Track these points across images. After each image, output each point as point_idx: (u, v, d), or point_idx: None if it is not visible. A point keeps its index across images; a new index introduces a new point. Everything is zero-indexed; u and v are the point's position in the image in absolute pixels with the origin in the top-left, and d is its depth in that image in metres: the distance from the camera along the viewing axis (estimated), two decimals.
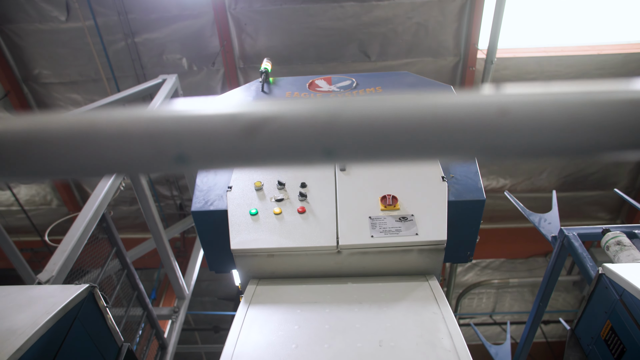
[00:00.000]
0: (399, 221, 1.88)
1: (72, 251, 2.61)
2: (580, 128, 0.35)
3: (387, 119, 0.35)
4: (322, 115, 0.35)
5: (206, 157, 0.37)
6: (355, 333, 1.46)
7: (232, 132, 0.36)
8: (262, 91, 3.05)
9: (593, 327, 1.97)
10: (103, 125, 0.37)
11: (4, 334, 1.57)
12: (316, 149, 0.36)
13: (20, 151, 0.35)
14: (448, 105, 0.36)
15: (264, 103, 0.37)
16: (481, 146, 0.36)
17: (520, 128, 0.35)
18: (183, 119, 0.37)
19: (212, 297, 8.77)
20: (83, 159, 0.37)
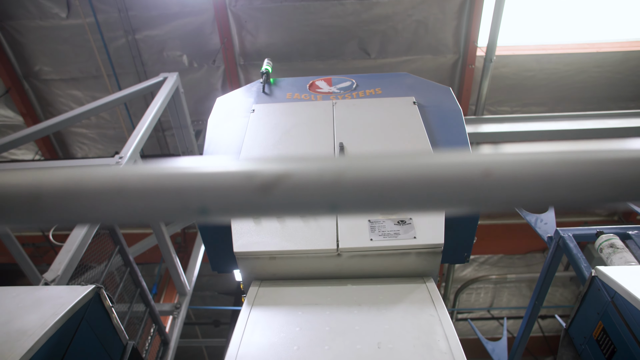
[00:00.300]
0: (398, 224, 1.93)
1: (76, 251, 2.66)
2: (553, 186, 0.39)
3: (384, 179, 0.40)
4: (328, 174, 0.40)
5: (226, 211, 0.41)
6: (355, 335, 1.52)
7: (250, 189, 0.40)
8: (263, 92, 3.08)
9: (586, 327, 2.02)
10: (135, 181, 0.41)
11: (14, 334, 1.62)
12: (322, 204, 0.40)
13: (63, 201, 0.40)
14: (438, 165, 0.40)
15: (277, 161, 0.42)
16: (467, 202, 0.40)
17: (502, 187, 0.40)
18: (206, 175, 0.41)
19: (213, 292, 8.85)
20: (117, 210, 0.41)
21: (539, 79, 6.02)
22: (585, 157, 0.40)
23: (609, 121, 5.39)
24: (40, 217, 0.40)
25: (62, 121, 3.79)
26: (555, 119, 5.51)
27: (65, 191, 0.40)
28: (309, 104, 2.84)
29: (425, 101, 2.83)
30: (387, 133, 2.48)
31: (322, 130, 2.55)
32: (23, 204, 0.39)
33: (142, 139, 3.60)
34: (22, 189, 0.39)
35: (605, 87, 6.07)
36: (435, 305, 1.67)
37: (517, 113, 6.32)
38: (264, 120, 2.69)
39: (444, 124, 2.60)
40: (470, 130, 5.49)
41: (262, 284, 1.93)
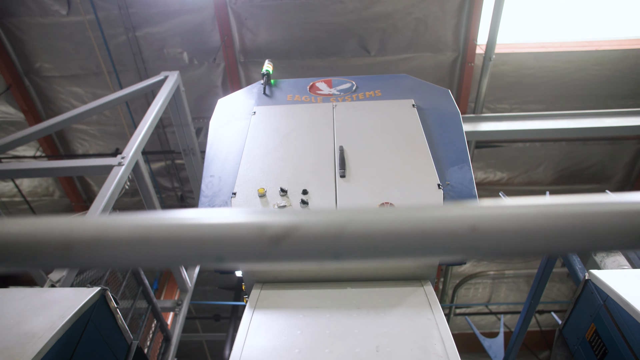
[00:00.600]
0: None
1: None
2: (532, 238, 0.44)
3: (381, 231, 0.44)
4: (332, 227, 0.44)
5: (240, 259, 0.46)
6: (354, 338, 1.57)
7: (262, 241, 0.45)
8: (264, 94, 3.12)
9: (579, 328, 2.08)
10: (158, 231, 0.45)
11: (24, 337, 1.67)
12: (327, 254, 0.45)
13: (92, 250, 0.44)
14: (430, 220, 0.45)
15: (286, 214, 0.46)
16: (456, 252, 0.44)
17: (486, 240, 0.44)
18: (222, 227, 0.45)
19: (213, 287, 8.92)
20: (141, 258, 0.45)
21: (538, 77, 6.05)
22: (560, 211, 0.44)
23: (607, 120, 5.43)
24: (71, 263, 0.44)
25: (65, 120, 3.83)
26: (553, 118, 5.54)
27: (94, 241, 0.44)
28: (309, 106, 2.87)
29: (425, 103, 2.86)
30: (387, 137, 2.52)
31: (322, 133, 2.59)
32: (55, 251, 0.44)
33: (143, 138, 3.63)
34: (55, 238, 0.43)
35: (604, 85, 6.10)
36: (432, 309, 1.72)
37: (516, 110, 6.35)
38: (264, 122, 2.73)
39: (442, 127, 2.64)
40: (470, 129, 5.53)
41: (263, 287, 1.98)
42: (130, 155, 3.41)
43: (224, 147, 2.59)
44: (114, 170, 3.28)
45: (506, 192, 7.44)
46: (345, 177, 2.26)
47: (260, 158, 2.43)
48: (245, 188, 2.25)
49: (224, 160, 2.50)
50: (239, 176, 2.32)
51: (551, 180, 7.19)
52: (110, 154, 6.82)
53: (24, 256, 0.44)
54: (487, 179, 7.21)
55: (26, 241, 0.44)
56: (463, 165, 2.34)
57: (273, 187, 2.24)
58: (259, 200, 2.18)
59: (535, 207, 0.46)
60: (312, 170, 2.32)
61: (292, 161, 2.40)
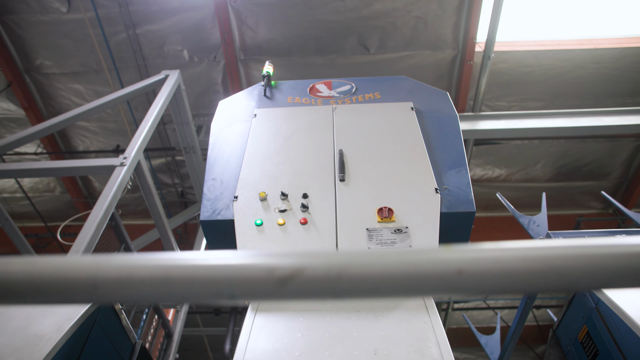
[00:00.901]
0: (395, 233, 2.03)
1: (84, 252, 2.75)
2: (514, 279, 0.48)
3: (377, 273, 0.49)
4: (333, 270, 0.49)
5: (251, 297, 0.51)
6: (353, 341, 1.62)
7: (270, 282, 0.49)
8: (265, 95, 3.15)
9: (572, 330, 2.13)
10: (177, 271, 0.50)
11: (32, 339, 1.72)
12: (329, 293, 0.49)
13: (117, 288, 0.49)
14: (420, 263, 0.49)
15: (293, 257, 0.51)
16: (443, 292, 0.49)
17: (471, 281, 0.49)
18: (235, 268, 0.50)
19: None
20: (161, 295, 0.50)
21: (536, 75, 6.08)
22: (537, 254, 0.49)
23: (605, 118, 5.46)
24: (97, 300, 0.49)
25: (68, 119, 3.86)
26: (551, 116, 5.58)
27: (118, 281, 0.49)
28: (310, 108, 2.91)
29: (423, 106, 2.90)
30: (386, 140, 2.56)
31: (322, 136, 2.63)
32: (83, 289, 0.48)
33: (145, 138, 3.67)
34: (83, 277, 0.48)
35: (603, 83, 6.13)
36: (429, 313, 1.77)
37: (514, 108, 6.38)
38: (265, 125, 2.76)
39: (440, 130, 2.68)
40: (468, 127, 5.57)
41: None
42: (132, 156, 3.45)
43: (226, 150, 2.63)
44: (117, 171, 3.32)
45: (505, 189, 7.51)
46: (345, 181, 2.30)
47: (261, 161, 2.48)
48: (246, 192, 2.30)
49: (226, 163, 2.54)
50: (241, 179, 2.37)
51: (549, 177, 7.24)
52: (111, 150, 6.86)
53: (55, 293, 0.49)
54: (485, 175, 7.26)
55: (57, 279, 0.48)
56: (460, 169, 2.38)
57: (274, 191, 2.29)
58: (260, 204, 2.23)
59: (514, 250, 0.50)
60: (312, 174, 2.37)
61: (292, 165, 2.44)
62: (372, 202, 2.20)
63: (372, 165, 2.40)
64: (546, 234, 2.81)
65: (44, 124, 3.75)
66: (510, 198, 8.11)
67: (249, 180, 2.37)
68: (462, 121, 5.87)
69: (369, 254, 0.51)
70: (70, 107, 6.50)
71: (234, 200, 2.26)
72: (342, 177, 2.32)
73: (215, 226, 2.22)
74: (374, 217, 2.13)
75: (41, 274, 0.48)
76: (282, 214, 2.17)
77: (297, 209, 2.18)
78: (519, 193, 7.49)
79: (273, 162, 2.47)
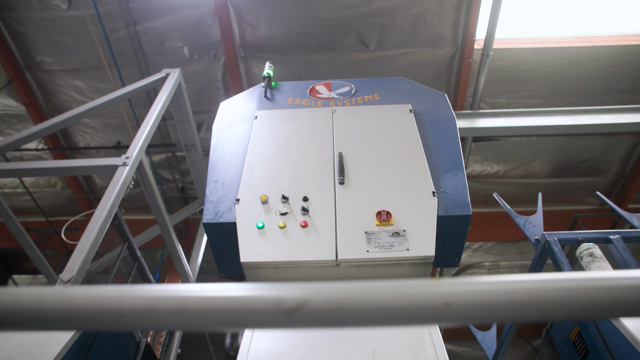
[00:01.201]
0: (393, 236, 2.08)
1: (89, 251, 2.81)
2: (496, 311, 0.54)
3: (373, 304, 0.55)
4: (335, 302, 0.54)
5: (260, 326, 0.56)
6: (352, 343, 1.68)
7: (278, 312, 0.55)
8: (265, 97, 3.19)
9: (564, 329, 2.20)
10: (194, 303, 0.55)
11: (43, 340, 1.78)
12: (331, 322, 0.55)
13: (140, 318, 0.54)
14: (411, 296, 0.55)
15: (298, 290, 0.56)
16: (433, 322, 0.54)
17: (457, 312, 0.54)
18: (246, 299, 0.55)
19: (214, 275, 9.07)
20: (180, 323, 0.55)
21: (535, 72, 6.11)
22: (517, 287, 0.54)
23: (602, 116, 5.51)
24: (122, 328, 0.54)
25: (70, 118, 3.89)
26: (549, 114, 5.62)
27: (141, 310, 0.54)
28: (310, 110, 2.95)
29: (422, 108, 2.94)
30: (384, 143, 2.61)
31: (322, 139, 2.67)
32: (111, 319, 0.53)
33: (146, 138, 3.71)
34: (109, 307, 0.53)
35: (601, 80, 6.17)
36: None
37: (513, 105, 6.42)
38: (266, 127, 2.81)
39: (438, 133, 2.72)
40: (467, 125, 5.61)
41: None
42: (134, 155, 3.49)
43: (227, 152, 2.68)
44: (119, 170, 3.36)
45: (503, 185, 7.57)
46: (344, 184, 2.36)
47: (262, 164, 2.53)
48: (248, 194, 2.35)
49: (227, 165, 2.59)
50: (242, 182, 2.42)
51: (547, 173, 7.30)
52: (111, 146, 6.90)
53: (85, 321, 0.54)
54: (484, 171, 7.31)
55: (86, 309, 0.54)
56: (457, 172, 2.43)
57: (275, 194, 2.34)
58: (261, 206, 2.28)
59: (495, 284, 0.56)
60: (312, 177, 2.42)
61: (292, 167, 2.49)
62: (370, 205, 2.25)
63: (371, 168, 2.45)
64: (542, 234, 2.87)
65: (48, 123, 3.79)
66: (508, 194, 8.20)
67: (250, 182, 2.42)
68: (461, 119, 5.92)
69: (365, 287, 0.56)
70: (71, 103, 6.53)
71: (235, 203, 2.31)
72: (341, 180, 2.37)
73: (217, 228, 2.28)
74: (372, 220, 2.18)
75: (72, 303, 0.54)
76: (283, 217, 2.22)
77: (298, 212, 2.24)
78: (517, 189, 7.55)
79: (274, 164, 2.52)
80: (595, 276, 0.55)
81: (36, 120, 6.54)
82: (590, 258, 2.21)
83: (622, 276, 0.54)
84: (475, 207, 7.67)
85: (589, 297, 0.52)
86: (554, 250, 2.65)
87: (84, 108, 4.01)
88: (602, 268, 2.15)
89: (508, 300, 0.54)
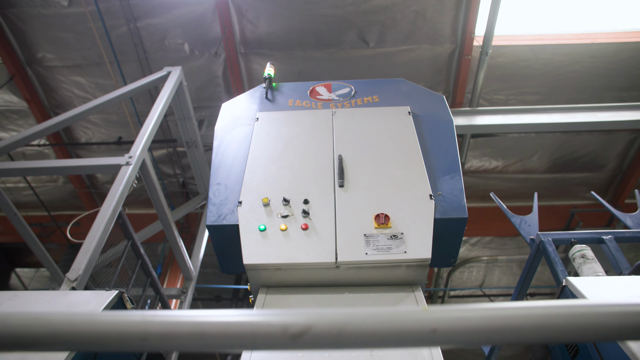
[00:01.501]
0: (390, 239, 2.15)
1: (94, 250, 2.88)
2: (476, 335, 0.60)
3: (367, 330, 0.61)
4: (336, 326, 0.60)
5: (269, 348, 0.62)
6: None
7: (285, 337, 0.61)
8: (266, 98, 3.24)
9: None
10: (211, 328, 0.62)
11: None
12: (332, 344, 0.61)
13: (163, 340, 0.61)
14: (401, 323, 0.61)
15: (304, 316, 0.62)
16: (421, 345, 0.61)
17: (443, 337, 0.60)
18: (257, 324, 0.62)
19: (214, 269, 9.17)
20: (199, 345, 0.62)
21: (534, 69, 6.14)
22: (498, 314, 0.61)
23: (600, 114, 5.56)
24: (146, 349, 0.60)
25: (73, 116, 3.95)
26: (547, 112, 5.67)
27: (163, 334, 0.60)
28: (310, 112, 3.00)
29: (420, 110, 3.00)
30: (383, 146, 2.67)
31: (322, 141, 2.73)
32: (135, 341, 0.60)
33: (149, 137, 3.77)
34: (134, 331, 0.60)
35: (599, 77, 6.21)
36: None
37: (511, 101, 6.47)
38: (267, 129, 2.86)
39: (436, 136, 2.78)
40: (465, 123, 5.66)
41: (269, 291, 2.16)
42: (137, 155, 3.55)
43: (229, 155, 2.73)
44: (122, 170, 3.43)
45: (501, 180, 7.63)
46: (344, 187, 2.42)
47: (264, 166, 2.58)
48: (250, 197, 2.41)
49: (230, 167, 2.65)
50: (244, 185, 2.48)
51: (545, 168, 7.36)
52: (113, 142, 6.94)
53: (113, 343, 0.60)
54: (482, 167, 7.38)
55: (114, 332, 0.60)
56: (454, 175, 2.49)
57: (276, 196, 2.40)
58: (263, 209, 2.35)
59: (476, 311, 0.62)
60: (313, 180, 2.48)
61: (293, 170, 2.55)
62: (369, 207, 2.32)
63: (370, 171, 2.51)
64: (536, 234, 2.93)
65: (52, 121, 3.84)
66: (506, 189, 8.25)
67: (252, 185, 2.48)
68: (460, 116, 5.97)
69: (363, 314, 0.63)
70: (72, 99, 6.57)
71: (238, 205, 2.38)
72: (341, 183, 2.43)
73: (221, 231, 2.34)
74: (371, 222, 2.25)
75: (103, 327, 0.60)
76: (284, 220, 2.29)
77: (299, 215, 2.30)
78: (515, 184, 7.61)
79: (275, 167, 2.58)
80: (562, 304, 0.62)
81: (38, 116, 6.59)
82: (582, 259, 2.28)
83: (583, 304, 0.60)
84: (474, 202, 7.75)
85: (557, 323, 0.59)
86: (547, 250, 2.72)
87: (88, 106, 4.06)
88: (594, 269, 2.22)
89: (487, 325, 0.60)
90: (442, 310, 0.62)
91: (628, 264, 2.56)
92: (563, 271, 2.56)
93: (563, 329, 0.59)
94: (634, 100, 6.24)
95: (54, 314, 0.59)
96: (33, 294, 2.18)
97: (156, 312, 0.63)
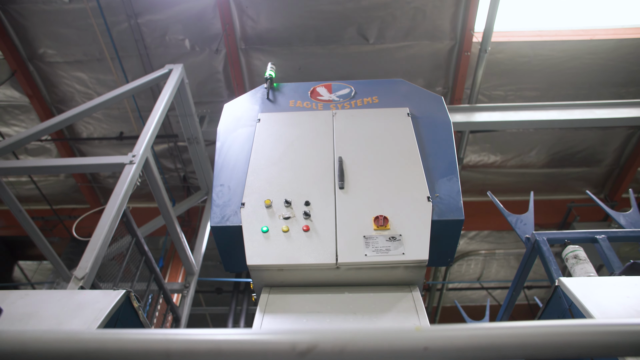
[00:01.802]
0: (389, 241, 2.22)
1: (100, 248, 2.95)
2: (466, 352, 0.67)
3: (365, 348, 0.68)
4: (339, 345, 0.67)
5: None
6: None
7: (293, 354, 0.68)
8: (267, 99, 3.29)
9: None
10: (226, 345, 0.69)
11: None
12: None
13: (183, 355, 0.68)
14: (396, 341, 0.68)
15: (310, 335, 0.69)
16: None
17: (435, 354, 0.67)
18: (267, 342, 0.68)
19: (215, 262, 9.27)
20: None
21: (533, 65, 6.18)
22: (485, 333, 0.68)
23: (598, 111, 5.61)
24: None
25: (76, 114, 4.00)
26: (545, 108, 5.72)
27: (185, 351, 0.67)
28: (311, 114, 3.05)
29: (418, 111, 3.05)
30: (382, 147, 2.72)
31: (323, 143, 2.79)
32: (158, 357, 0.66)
33: (152, 136, 3.82)
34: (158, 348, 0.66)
35: (598, 73, 6.25)
36: (419, 315, 1.99)
37: (510, 97, 6.51)
38: (268, 131, 2.92)
39: (434, 137, 2.84)
40: (464, 120, 5.71)
41: (271, 291, 2.24)
42: (140, 154, 3.61)
43: (232, 156, 2.79)
44: (126, 169, 3.49)
45: (500, 174, 7.70)
46: (344, 189, 2.48)
47: (266, 168, 2.65)
48: (252, 198, 2.47)
49: (232, 169, 2.71)
50: (247, 186, 2.54)
51: (543, 163, 7.42)
52: (114, 137, 6.99)
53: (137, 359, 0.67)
54: (481, 161, 7.44)
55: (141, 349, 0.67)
56: (452, 177, 2.56)
57: (278, 198, 2.47)
58: (265, 211, 2.41)
59: (464, 330, 0.69)
60: (314, 181, 2.54)
61: (295, 171, 2.61)
62: (369, 209, 2.38)
63: (370, 173, 2.57)
64: (532, 234, 3.01)
65: (56, 119, 3.89)
66: (504, 183, 8.31)
67: (254, 186, 2.54)
68: (459, 113, 6.02)
69: (363, 332, 0.69)
70: (73, 94, 6.60)
71: (241, 206, 2.44)
72: (341, 185, 2.50)
73: (225, 232, 2.41)
74: (370, 224, 2.32)
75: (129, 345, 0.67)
76: (286, 221, 2.36)
77: (300, 216, 2.37)
78: (513, 179, 7.68)
79: (277, 168, 2.64)
80: (544, 324, 0.69)
81: (39, 112, 6.62)
82: (574, 260, 2.36)
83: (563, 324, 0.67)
84: (473, 196, 7.82)
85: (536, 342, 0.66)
86: (542, 249, 2.79)
87: (91, 104, 4.11)
88: (586, 270, 2.29)
89: (474, 344, 0.67)
90: (433, 330, 0.69)
91: (620, 263, 2.64)
92: (557, 270, 2.63)
93: (545, 347, 0.65)
94: (632, 96, 6.29)
95: (86, 333, 0.65)
96: (43, 293, 2.25)
97: (177, 331, 0.70)
